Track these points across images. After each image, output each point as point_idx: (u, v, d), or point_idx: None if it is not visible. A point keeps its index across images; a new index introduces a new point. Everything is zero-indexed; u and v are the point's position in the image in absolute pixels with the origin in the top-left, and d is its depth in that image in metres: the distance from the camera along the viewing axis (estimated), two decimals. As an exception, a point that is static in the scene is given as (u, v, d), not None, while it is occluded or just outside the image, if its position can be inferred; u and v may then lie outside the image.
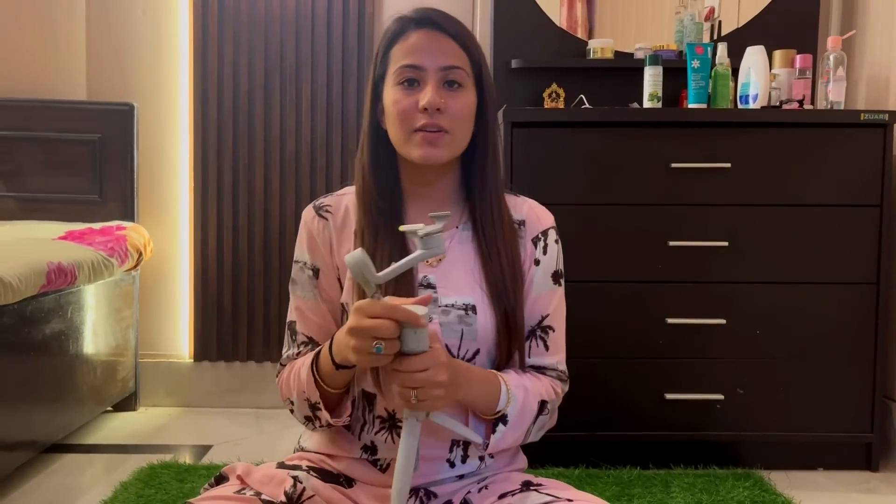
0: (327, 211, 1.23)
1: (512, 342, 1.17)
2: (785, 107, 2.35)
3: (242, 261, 2.84)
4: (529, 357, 1.21)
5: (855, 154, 2.22)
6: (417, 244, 0.97)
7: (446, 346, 1.14)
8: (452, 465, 1.16)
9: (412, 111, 1.13)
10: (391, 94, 1.15)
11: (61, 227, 2.56)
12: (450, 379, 1.01)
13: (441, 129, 1.12)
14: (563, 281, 1.26)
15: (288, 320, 1.26)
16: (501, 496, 1.13)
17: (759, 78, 2.34)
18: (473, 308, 1.16)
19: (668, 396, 2.24)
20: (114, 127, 2.77)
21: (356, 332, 0.96)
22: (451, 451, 1.16)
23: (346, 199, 1.23)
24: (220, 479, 1.19)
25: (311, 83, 2.82)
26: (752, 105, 2.35)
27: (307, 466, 1.19)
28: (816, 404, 2.26)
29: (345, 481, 1.19)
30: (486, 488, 1.16)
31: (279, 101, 2.82)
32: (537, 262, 1.22)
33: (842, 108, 2.29)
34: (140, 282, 2.82)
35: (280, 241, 2.84)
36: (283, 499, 1.10)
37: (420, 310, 0.97)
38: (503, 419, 1.12)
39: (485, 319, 1.16)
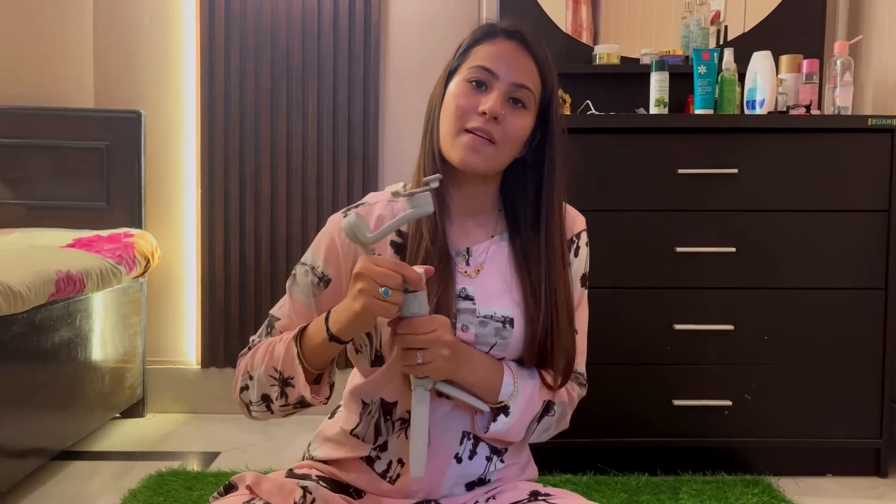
0: None
1: (543, 356, 1.17)
2: (792, 112, 2.35)
3: (249, 267, 2.85)
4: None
5: (862, 159, 2.22)
6: (405, 204, 1.01)
7: None
8: (459, 460, 1.16)
9: (470, 110, 1.12)
10: (456, 88, 1.15)
11: (69, 235, 2.57)
12: (452, 353, 1.04)
13: (491, 138, 1.12)
14: (588, 284, 1.27)
15: (271, 313, 1.24)
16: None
17: (766, 83, 2.34)
18: (511, 322, 1.16)
19: (676, 403, 2.24)
20: (121, 134, 2.78)
21: (364, 275, 0.99)
22: (461, 443, 1.16)
23: (376, 210, 1.21)
24: (230, 488, 1.19)
25: (318, 89, 2.82)
26: (758, 110, 2.34)
27: (317, 476, 1.19)
28: (825, 410, 2.25)
29: (354, 492, 1.19)
30: (493, 498, 1.16)
31: (286, 107, 2.82)
32: (569, 265, 1.23)
33: (849, 113, 2.28)
34: (147, 288, 2.83)
35: (287, 247, 2.85)
36: (294, 509, 1.11)
37: (420, 271, 1.02)
38: (505, 410, 1.13)
39: (520, 334, 1.16)
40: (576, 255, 1.24)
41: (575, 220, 1.25)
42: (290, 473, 1.22)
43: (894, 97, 2.45)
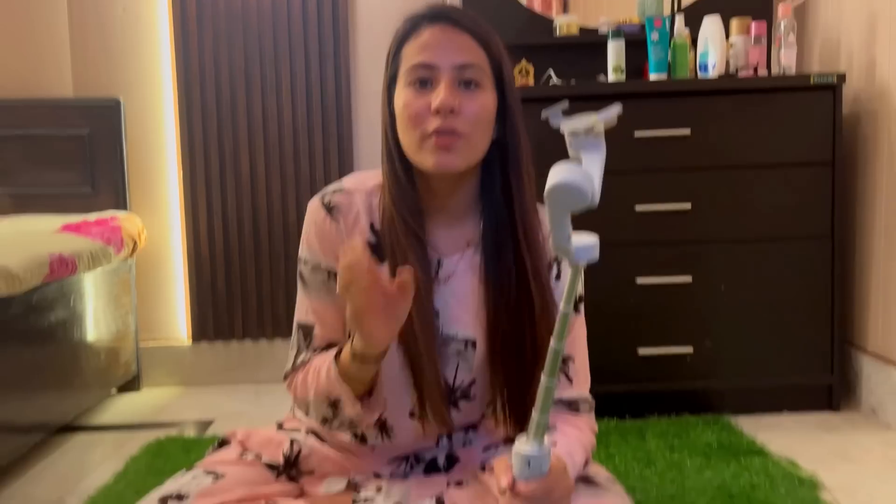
0: (338, 212, 1.14)
1: (518, 379, 1.09)
2: (740, 73, 2.46)
3: (233, 243, 2.95)
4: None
5: (807, 115, 2.34)
6: (573, 144, 0.82)
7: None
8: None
9: (424, 114, 1.03)
10: (402, 97, 1.06)
11: (58, 221, 2.65)
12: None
13: (455, 132, 1.02)
14: (581, 307, 1.19)
15: (299, 321, 1.15)
16: (486, 448, 1.20)
17: (717, 47, 2.45)
18: (473, 344, 1.11)
19: (642, 352, 2.38)
20: (102, 122, 2.86)
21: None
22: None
23: (356, 200, 1.14)
24: (223, 443, 1.28)
25: (290, 69, 2.91)
26: (710, 73, 2.46)
27: (307, 430, 1.27)
28: (780, 352, 2.39)
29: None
30: (470, 443, 1.21)
31: (260, 87, 2.91)
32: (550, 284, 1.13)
33: (793, 72, 2.40)
34: (136, 269, 2.93)
35: (269, 222, 2.95)
36: (282, 460, 1.19)
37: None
38: None
39: (483, 356, 1.11)
40: (557, 277, 1.15)
41: None
42: (280, 427, 1.30)
43: (839, 54, 2.57)
